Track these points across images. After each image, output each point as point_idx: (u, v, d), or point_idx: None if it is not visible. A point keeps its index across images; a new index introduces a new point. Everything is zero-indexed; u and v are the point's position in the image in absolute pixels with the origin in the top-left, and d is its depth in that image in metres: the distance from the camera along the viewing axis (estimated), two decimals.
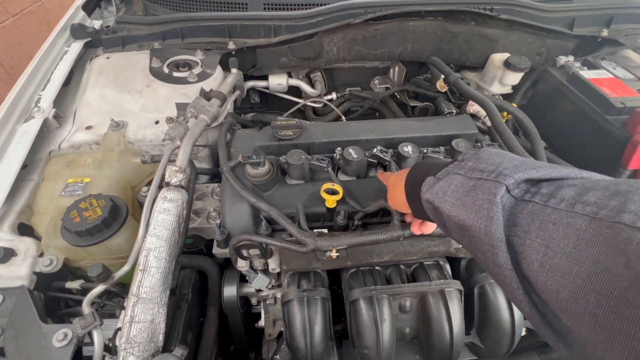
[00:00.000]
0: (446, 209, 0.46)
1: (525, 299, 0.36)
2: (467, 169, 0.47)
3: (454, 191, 0.46)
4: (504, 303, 0.82)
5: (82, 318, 0.72)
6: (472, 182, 0.44)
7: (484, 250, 0.40)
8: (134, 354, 0.71)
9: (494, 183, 0.41)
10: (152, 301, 0.76)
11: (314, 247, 0.79)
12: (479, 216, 0.40)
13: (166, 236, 0.80)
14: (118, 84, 1.15)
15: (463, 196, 0.44)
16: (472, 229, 0.41)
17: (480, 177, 0.44)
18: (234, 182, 0.86)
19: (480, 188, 0.42)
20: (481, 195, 0.41)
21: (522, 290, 0.36)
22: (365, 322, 0.78)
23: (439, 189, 0.49)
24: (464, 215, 0.43)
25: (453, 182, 0.47)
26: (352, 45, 1.37)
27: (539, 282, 0.34)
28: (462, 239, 0.47)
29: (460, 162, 0.50)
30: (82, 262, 0.89)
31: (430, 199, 0.50)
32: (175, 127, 0.96)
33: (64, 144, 1.05)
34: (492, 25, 1.30)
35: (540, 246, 0.34)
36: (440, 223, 0.51)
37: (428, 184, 0.52)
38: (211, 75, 1.19)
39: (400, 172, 0.70)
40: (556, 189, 0.36)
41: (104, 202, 0.82)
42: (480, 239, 0.40)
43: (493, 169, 0.43)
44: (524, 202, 0.38)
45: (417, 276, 0.87)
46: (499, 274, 0.39)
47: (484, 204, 0.40)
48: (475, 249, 0.43)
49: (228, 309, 0.99)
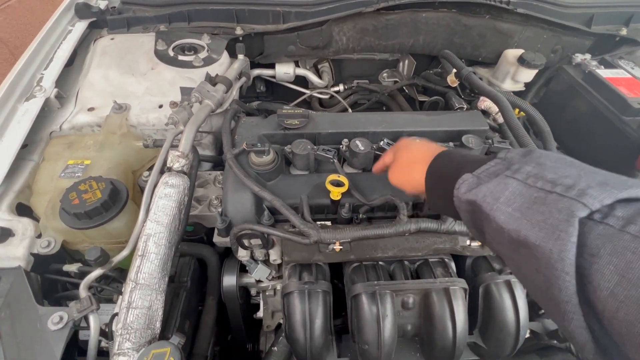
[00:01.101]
0: (499, 218, 0.40)
1: (587, 332, 0.34)
2: (525, 174, 0.41)
3: (509, 199, 0.40)
4: (509, 304, 0.80)
5: (78, 302, 0.71)
6: (538, 194, 0.38)
7: (549, 275, 0.35)
8: (131, 340, 0.70)
9: (576, 203, 0.35)
10: (150, 287, 0.75)
11: (317, 239, 0.77)
12: (552, 237, 0.35)
13: (166, 222, 0.79)
14: (122, 66, 1.12)
15: (525, 208, 0.38)
16: (539, 250, 0.36)
17: (551, 190, 0.37)
18: (237, 170, 0.84)
19: (554, 205, 0.36)
20: (556, 214, 0.35)
21: (584, 323, 0.34)
22: (366, 318, 0.76)
23: (488, 192, 0.42)
24: (527, 232, 0.37)
25: (508, 187, 0.41)
26: (362, 36, 1.34)
27: (606, 310, 0.31)
28: (512, 253, 0.41)
29: (505, 162, 0.44)
30: (80, 245, 0.87)
31: (477, 202, 0.43)
32: (179, 111, 0.93)
33: (65, 124, 1.03)
34: (508, 19, 1.26)
35: (612, 274, 0.31)
36: (477, 228, 0.46)
37: (467, 184, 0.46)
38: (217, 61, 1.16)
39: (414, 149, 0.65)
40: (636, 213, 0.32)
41: (103, 184, 0.80)
42: (548, 263, 0.35)
43: (571, 184, 0.37)
44: (593, 221, 0.34)
45: (422, 273, 0.85)
46: (566, 302, 0.34)
47: (560, 225, 0.35)
48: (532, 270, 0.38)
49: (227, 298, 0.98)
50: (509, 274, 0.82)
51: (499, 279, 0.82)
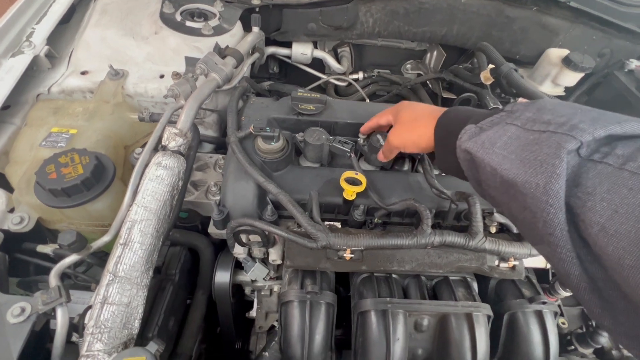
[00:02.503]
0: (493, 161, 0.42)
1: (576, 262, 0.34)
2: (524, 119, 0.42)
3: (506, 143, 0.41)
4: (538, 337, 0.70)
5: (45, 292, 0.61)
6: (534, 135, 0.39)
7: (535, 209, 0.36)
8: (103, 341, 0.61)
9: (565, 137, 0.36)
10: (130, 281, 0.65)
11: (325, 243, 0.67)
12: (539, 171, 0.36)
13: (155, 208, 0.69)
14: (123, 27, 1.01)
15: (519, 149, 0.40)
16: (526, 185, 0.37)
17: (545, 129, 0.38)
18: (241, 156, 0.74)
19: (546, 141, 0.37)
20: (546, 150, 0.37)
21: (574, 253, 0.34)
22: (374, 339, 0.66)
23: (487, 139, 0.44)
24: (517, 170, 0.39)
25: (506, 133, 0.42)
26: (391, 19, 1.21)
27: (597, 246, 0.32)
28: (502, 196, 0.43)
29: (510, 112, 0.45)
30: (58, 224, 0.78)
31: (472, 150, 0.45)
32: (181, 83, 0.83)
33: (54, 87, 0.92)
34: (556, 14, 1.13)
35: (605, 209, 0.31)
36: (473, 176, 0.47)
37: (469, 132, 0.47)
38: (229, 31, 1.05)
39: (419, 108, 0.66)
40: (637, 150, 0.32)
41: (87, 159, 0.70)
42: (534, 196, 0.36)
43: (564, 121, 0.38)
44: (592, 162, 0.34)
45: (440, 292, 0.75)
46: (550, 234, 0.35)
47: (547, 159, 0.36)
48: (520, 208, 0.39)
49: (218, 296, 0.88)
50: (541, 304, 0.71)
51: (528, 308, 0.72)
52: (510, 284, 0.78)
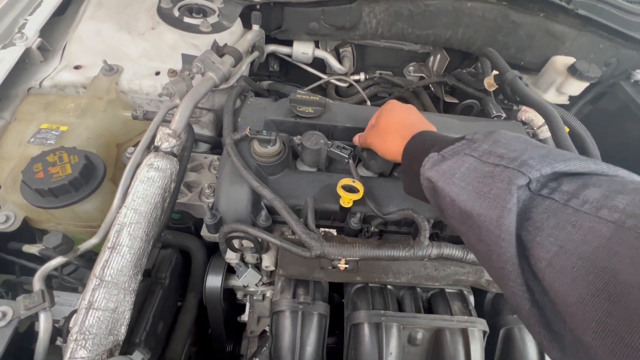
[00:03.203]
0: (452, 192, 0.43)
1: (526, 295, 0.35)
2: (481, 151, 0.44)
3: (464, 174, 0.43)
4: (534, 354, 0.69)
5: (28, 296, 0.59)
6: (489, 168, 0.41)
7: (489, 242, 0.38)
8: (86, 348, 0.59)
9: (516, 172, 0.38)
10: (117, 286, 0.63)
11: (319, 253, 0.65)
12: (492, 206, 0.37)
13: (145, 211, 0.67)
14: (119, 21, 0.98)
15: (476, 182, 0.41)
16: (481, 218, 0.39)
17: (498, 163, 0.40)
18: (236, 159, 0.72)
19: (499, 176, 0.39)
20: (499, 184, 0.38)
21: (524, 287, 0.35)
22: (366, 352, 0.65)
23: (447, 169, 0.45)
24: (473, 203, 0.40)
25: (464, 164, 0.44)
26: (395, 20, 1.18)
27: (545, 280, 0.33)
28: (461, 226, 0.44)
29: (470, 142, 0.46)
30: (46, 224, 0.76)
31: (433, 179, 0.47)
32: (177, 81, 0.80)
33: (46, 81, 0.90)
34: (563, 21, 1.10)
35: (552, 245, 0.32)
36: (436, 204, 0.48)
37: (431, 161, 0.48)
38: (228, 28, 1.02)
39: (396, 117, 0.66)
40: (580, 187, 0.34)
41: (76, 158, 0.68)
42: (488, 230, 0.38)
43: (515, 156, 0.40)
44: (541, 197, 0.36)
45: (436, 305, 0.73)
46: (502, 268, 0.37)
47: (500, 194, 0.37)
48: (476, 239, 0.40)
49: (209, 300, 0.87)
50: None
51: None
52: None
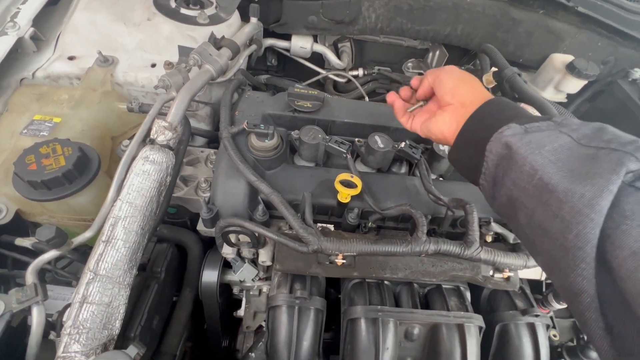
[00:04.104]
0: (536, 162, 0.40)
1: (594, 281, 0.34)
2: (580, 135, 0.40)
3: (556, 149, 0.40)
4: (529, 350, 0.69)
5: (20, 289, 0.58)
6: (590, 151, 0.38)
7: (570, 219, 0.35)
8: (80, 342, 0.58)
9: (629, 156, 0.35)
10: (112, 280, 0.63)
11: (316, 248, 0.65)
12: (589, 183, 0.35)
13: (141, 204, 0.66)
14: (114, 12, 0.96)
15: (571, 161, 0.38)
16: (568, 194, 0.36)
17: (605, 146, 0.37)
18: (233, 153, 0.71)
19: (604, 157, 0.36)
20: (604, 165, 0.35)
21: (593, 272, 0.34)
22: (363, 347, 0.65)
23: (534, 139, 0.42)
24: (562, 177, 0.37)
25: (558, 140, 0.41)
26: (395, 16, 1.17)
27: (622, 269, 0.32)
28: (529, 199, 0.41)
29: (559, 124, 0.43)
30: (39, 217, 0.74)
31: (515, 145, 0.42)
32: (173, 74, 0.79)
33: (39, 72, 0.88)
34: (563, 18, 1.10)
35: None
36: (496, 176, 0.45)
37: (513, 129, 0.44)
38: (226, 21, 1.01)
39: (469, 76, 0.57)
40: None
41: (70, 150, 0.67)
42: (574, 207, 0.35)
43: (628, 141, 0.37)
44: (633, 188, 0.34)
45: (432, 300, 0.73)
46: (579, 248, 0.34)
47: (603, 173, 0.35)
48: (550, 215, 0.37)
49: (205, 295, 0.86)
50: (534, 316, 0.70)
51: (520, 320, 0.70)
52: (504, 294, 0.76)
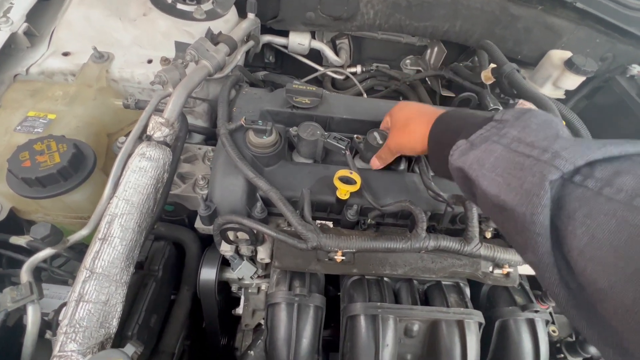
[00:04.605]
0: (483, 185, 0.42)
1: (561, 285, 0.35)
2: (510, 138, 0.41)
3: (493, 165, 0.41)
4: (528, 346, 0.69)
5: (15, 288, 0.57)
6: (519, 158, 0.39)
7: (525, 236, 0.37)
8: (77, 341, 0.57)
9: (548, 167, 0.36)
10: (109, 278, 0.62)
11: (316, 244, 0.64)
12: (525, 201, 0.36)
13: (137, 201, 0.65)
14: (109, 7, 0.95)
15: (506, 174, 0.40)
16: (515, 213, 0.37)
17: (529, 154, 0.38)
18: (231, 149, 0.70)
19: (530, 170, 0.37)
20: (530, 179, 0.37)
21: (558, 277, 0.35)
22: (363, 344, 0.64)
23: (475, 159, 0.43)
24: (506, 196, 0.39)
25: (493, 153, 0.42)
26: (393, 12, 1.17)
27: (577, 267, 0.33)
28: (496, 216, 0.43)
29: (499, 124, 0.44)
30: (34, 214, 0.74)
31: (464, 168, 0.45)
32: (170, 70, 0.78)
33: (33, 68, 0.87)
34: (561, 14, 1.10)
35: (584, 235, 0.32)
36: (470, 192, 0.47)
37: (460, 150, 0.46)
38: (223, 16, 1.00)
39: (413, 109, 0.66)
40: (613, 174, 0.33)
41: (65, 147, 0.66)
42: (523, 224, 0.37)
43: (546, 146, 0.37)
44: (573, 184, 0.35)
45: (432, 297, 0.73)
46: (538, 261, 0.36)
47: (533, 189, 0.36)
48: (513, 232, 0.40)
49: (203, 293, 0.85)
50: (534, 312, 0.70)
51: (520, 316, 0.70)
52: (503, 290, 0.76)
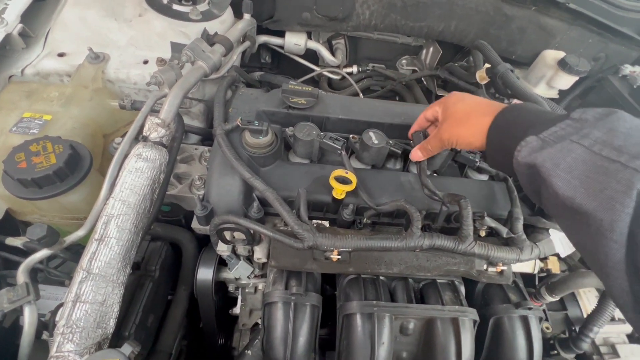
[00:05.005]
0: (555, 184, 0.40)
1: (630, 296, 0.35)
2: (592, 140, 0.39)
3: (570, 165, 0.39)
4: (522, 342, 0.70)
5: (12, 289, 0.57)
6: (602, 162, 0.37)
7: (598, 242, 0.36)
8: (74, 341, 0.57)
9: (636, 174, 0.34)
10: (105, 279, 0.62)
11: (312, 244, 0.65)
12: (606, 207, 0.35)
13: (134, 202, 0.65)
14: (104, 7, 0.95)
15: (585, 177, 0.38)
16: (591, 218, 0.36)
17: (615, 158, 0.36)
18: (227, 150, 0.71)
19: (615, 175, 0.35)
20: (615, 185, 0.35)
21: (628, 287, 0.35)
22: (359, 342, 0.65)
23: (549, 157, 0.41)
24: (582, 200, 0.37)
25: (571, 153, 0.39)
26: (389, 12, 1.17)
27: None
28: (565, 219, 0.41)
29: (576, 122, 0.42)
30: (30, 216, 0.74)
31: (536, 165, 0.42)
32: (166, 70, 0.79)
33: (28, 69, 0.86)
34: (554, 14, 1.11)
35: None
36: (534, 191, 0.45)
37: (530, 146, 0.44)
38: (218, 17, 1.00)
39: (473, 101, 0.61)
40: None
41: (61, 148, 0.66)
42: (598, 230, 0.36)
43: (637, 152, 0.36)
44: None
45: (427, 295, 0.74)
46: (610, 267, 0.36)
47: (616, 196, 0.35)
48: (583, 235, 0.38)
49: (200, 293, 0.86)
50: (527, 309, 0.71)
51: (514, 313, 0.71)
52: (498, 288, 0.77)
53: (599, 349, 0.82)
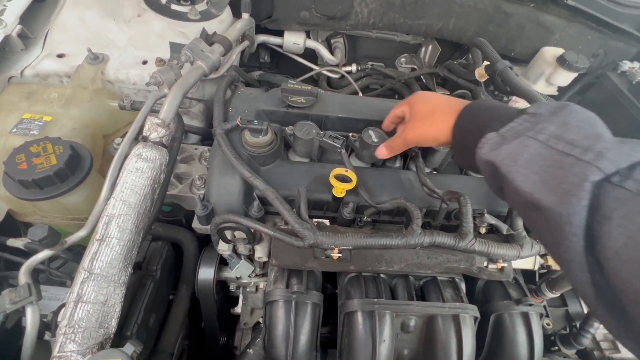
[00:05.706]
0: (517, 181, 0.40)
1: (591, 286, 0.35)
2: (547, 135, 0.40)
3: (528, 161, 0.40)
4: (523, 338, 0.70)
5: (13, 290, 0.58)
6: (558, 157, 0.38)
7: (557, 235, 0.36)
8: (76, 341, 0.58)
9: (591, 167, 0.35)
10: (107, 279, 0.62)
11: (312, 242, 0.65)
12: (563, 201, 0.36)
13: (135, 202, 0.66)
14: (103, 8, 0.95)
15: (543, 172, 0.38)
16: (549, 212, 0.37)
17: (569, 152, 0.37)
18: (227, 149, 0.71)
19: (570, 169, 0.36)
20: (570, 178, 0.36)
21: (589, 277, 0.35)
22: (360, 340, 0.65)
23: (508, 154, 0.42)
24: (540, 195, 0.38)
25: (528, 149, 0.40)
26: (387, 10, 1.17)
27: (610, 268, 0.33)
28: (526, 213, 0.42)
29: (532, 117, 0.42)
30: (31, 217, 0.74)
31: (495, 162, 0.43)
32: (165, 70, 0.79)
33: (28, 70, 0.86)
34: (553, 11, 1.11)
35: (620, 236, 0.32)
36: (497, 187, 0.46)
37: (490, 143, 0.44)
38: (217, 17, 1.00)
39: (436, 100, 0.62)
40: None
41: (61, 148, 0.66)
42: (557, 224, 0.36)
43: (589, 145, 0.36)
44: (611, 184, 0.34)
45: (428, 292, 0.74)
46: (570, 260, 0.36)
47: (572, 190, 0.35)
48: (544, 229, 0.39)
49: (201, 293, 0.86)
50: (528, 306, 0.71)
51: (514, 310, 0.72)
52: (498, 284, 0.77)
53: (599, 345, 0.83)
